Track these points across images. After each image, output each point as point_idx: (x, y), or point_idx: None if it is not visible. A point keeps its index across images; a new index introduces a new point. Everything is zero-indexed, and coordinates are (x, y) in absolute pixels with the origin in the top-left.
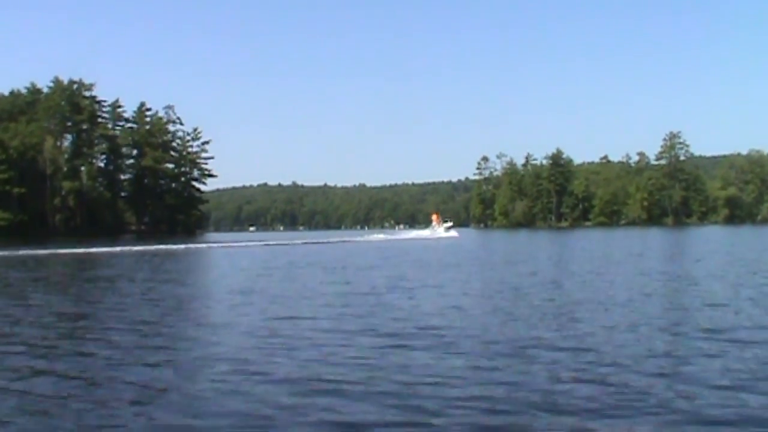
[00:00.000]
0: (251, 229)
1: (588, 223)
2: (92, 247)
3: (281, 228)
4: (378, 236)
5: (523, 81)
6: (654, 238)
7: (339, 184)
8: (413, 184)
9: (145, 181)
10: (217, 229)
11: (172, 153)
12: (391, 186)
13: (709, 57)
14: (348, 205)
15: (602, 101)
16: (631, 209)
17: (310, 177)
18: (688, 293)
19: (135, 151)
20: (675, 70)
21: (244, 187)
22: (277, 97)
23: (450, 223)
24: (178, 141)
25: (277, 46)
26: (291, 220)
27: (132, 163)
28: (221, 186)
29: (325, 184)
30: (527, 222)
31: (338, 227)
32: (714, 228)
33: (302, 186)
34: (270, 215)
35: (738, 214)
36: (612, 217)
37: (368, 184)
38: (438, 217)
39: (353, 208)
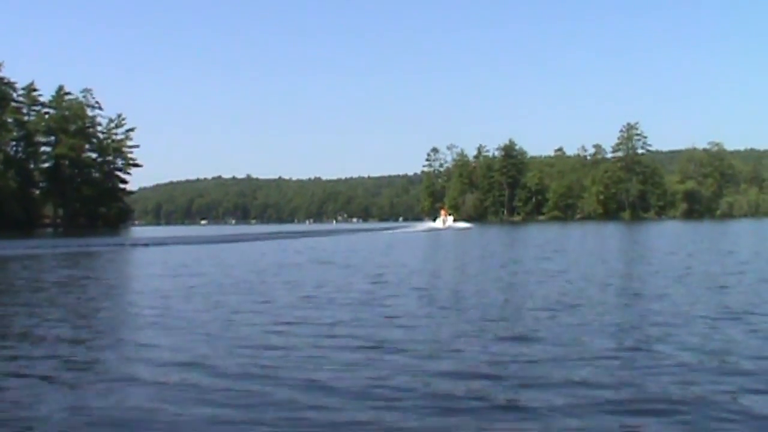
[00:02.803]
0: (203, 222)
1: (541, 217)
2: None
3: (233, 222)
4: (408, 229)
5: (478, 72)
6: (639, 232)
7: (294, 177)
8: (369, 177)
9: (63, 170)
10: (168, 223)
11: (93, 140)
12: (346, 179)
13: (666, 50)
14: (300, 199)
15: (559, 94)
16: (587, 203)
17: (265, 170)
18: None
19: (53, 138)
20: (631, 63)
21: (198, 180)
22: (233, 89)
23: (452, 217)
24: (100, 128)
25: (232, 38)
26: (243, 214)
27: (48, 152)
28: (174, 179)
29: (280, 177)
30: (478, 216)
31: (290, 221)
32: (676, 223)
33: (257, 179)
34: (222, 208)
35: (696, 208)
36: (566, 211)
37: (324, 178)
38: (446, 211)
39: (306, 201)
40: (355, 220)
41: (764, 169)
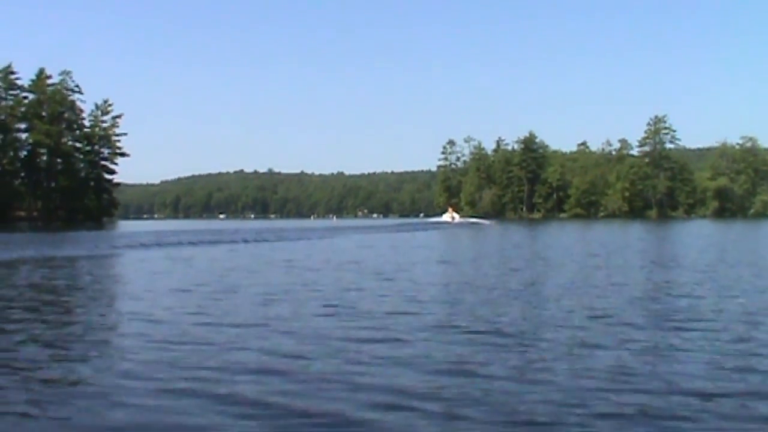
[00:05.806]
0: (221, 216)
1: (563, 215)
2: None
3: (252, 216)
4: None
5: (503, 66)
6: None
7: (317, 172)
8: (392, 172)
9: (39, 159)
10: (187, 216)
11: (75, 127)
12: (368, 174)
13: (695, 45)
14: (321, 193)
15: (583, 87)
16: (611, 200)
17: (288, 164)
18: None
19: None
20: (658, 57)
21: (219, 174)
22: (259, 84)
23: (458, 214)
24: (83, 114)
25: (255, 32)
26: (262, 208)
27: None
28: (197, 172)
29: (302, 172)
30: (496, 212)
31: (309, 216)
32: (709, 223)
33: (279, 173)
34: (240, 203)
35: (728, 207)
36: (589, 208)
37: (346, 172)
38: (453, 209)
39: (326, 196)
40: (375, 215)
41: None
